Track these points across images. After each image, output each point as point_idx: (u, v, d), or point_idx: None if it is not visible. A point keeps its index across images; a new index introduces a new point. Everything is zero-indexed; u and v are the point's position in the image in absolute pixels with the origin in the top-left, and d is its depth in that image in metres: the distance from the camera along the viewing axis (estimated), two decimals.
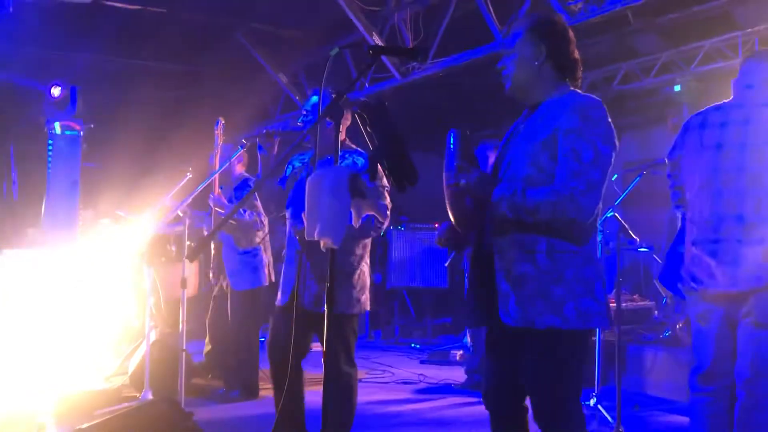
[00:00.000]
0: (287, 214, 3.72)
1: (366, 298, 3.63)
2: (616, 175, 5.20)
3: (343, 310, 3.48)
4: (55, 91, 7.30)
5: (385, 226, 3.58)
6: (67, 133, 7.50)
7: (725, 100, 3.11)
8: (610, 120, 2.42)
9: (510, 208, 2.35)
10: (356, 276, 3.59)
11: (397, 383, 6.20)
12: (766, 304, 2.84)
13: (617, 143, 2.42)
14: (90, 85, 7.76)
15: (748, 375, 2.89)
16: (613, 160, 2.40)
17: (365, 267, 3.66)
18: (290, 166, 3.84)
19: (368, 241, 3.70)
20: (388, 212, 3.56)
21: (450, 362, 7.04)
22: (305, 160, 3.78)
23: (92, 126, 7.64)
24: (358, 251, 3.62)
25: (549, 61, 2.51)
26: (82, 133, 7.50)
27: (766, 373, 2.86)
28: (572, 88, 2.52)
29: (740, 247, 2.85)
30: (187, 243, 4.91)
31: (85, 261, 6.41)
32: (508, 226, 2.41)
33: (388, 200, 3.55)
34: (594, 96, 2.48)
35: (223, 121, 5.17)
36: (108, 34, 7.29)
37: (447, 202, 2.50)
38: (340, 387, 3.50)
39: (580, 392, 2.49)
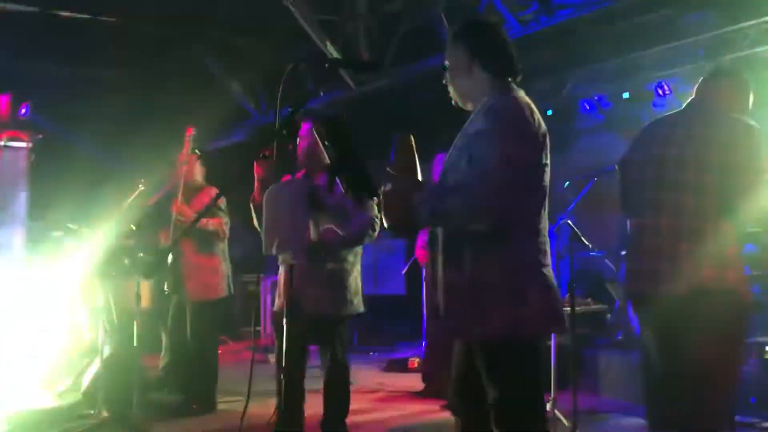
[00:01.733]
0: None
1: (359, 301, 4.02)
2: (567, 182, 5.31)
3: (339, 312, 3.88)
4: (3, 102, 7.12)
5: (376, 234, 3.86)
6: (14, 144, 7.32)
7: (676, 110, 3.19)
8: (529, 117, 2.35)
9: (430, 215, 2.33)
10: (349, 281, 3.93)
11: (357, 392, 6.18)
12: (696, 311, 2.90)
13: (539, 139, 2.36)
14: (40, 95, 7.60)
15: (688, 382, 2.96)
16: (532, 159, 2.33)
17: (357, 273, 4.02)
18: None
19: (359, 249, 4.02)
20: (377, 222, 3.76)
21: (409, 370, 7.07)
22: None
23: (41, 137, 7.47)
24: (350, 258, 3.94)
25: (478, 64, 2.49)
26: (30, 144, 7.33)
27: (702, 379, 2.91)
28: (505, 89, 2.46)
29: (675, 252, 2.92)
30: (141, 255, 4.84)
31: (35, 275, 6.26)
32: (434, 235, 2.42)
33: (376, 211, 3.69)
34: (514, 96, 2.42)
35: (194, 132, 5.12)
36: (59, 44, 7.15)
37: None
38: (340, 380, 3.99)
39: (534, 397, 2.43)
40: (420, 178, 2.43)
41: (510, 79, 2.51)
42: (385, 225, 2.48)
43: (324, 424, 4.10)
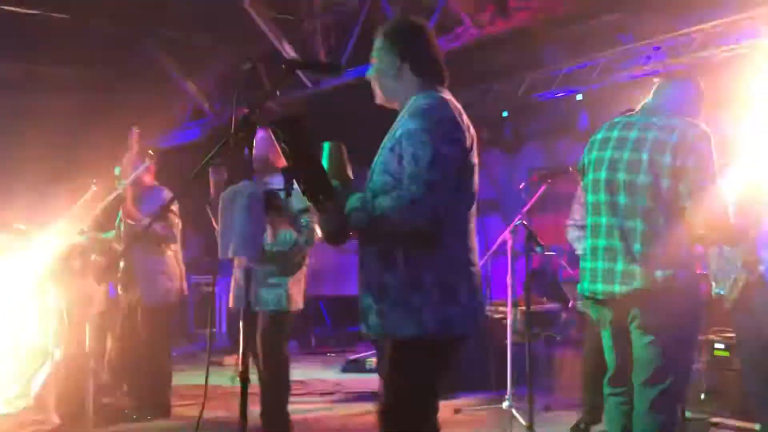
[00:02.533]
0: None
1: (300, 299, 4.19)
2: (523, 183, 5.38)
3: (278, 308, 4.06)
4: None
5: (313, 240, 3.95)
6: None
7: (628, 113, 3.25)
8: (457, 117, 2.37)
9: (362, 219, 2.32)
10: (295, 278, 4.12)
11: (315, 394, 6.17)
12: (647, 310, 2.97)
13: (467, 140, 2.37)
14: None
15: (640, 380, 3.03)
16: (461, 160, 2.34)
17: (301, 273, 4.20)
18: None
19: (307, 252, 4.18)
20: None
21: (368, 370, 7.06)
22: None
23: None
24: (296, 260, 4.10)
25: (406, 65, 2.48)
26: None
27: (655, 377, 2.98)
28: (433, 90, 2.47)
29: (628, 253, 2.98)
30: (93, 257, 4.75)
31: None
32: (366, 238, 2.42)
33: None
34: (442, 97, 2.43)
35: (138, 130, 5.03)
36: (7, 40, 6.97)
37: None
38: (280, 370, 4.15)
39: (431, 401, 2.43)
40: (350, 185, 2.41)
41: (439, 82, 2.51)
42: (318, 234, 2.46)
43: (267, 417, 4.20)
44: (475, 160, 2.43)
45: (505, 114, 9.22)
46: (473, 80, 8.95)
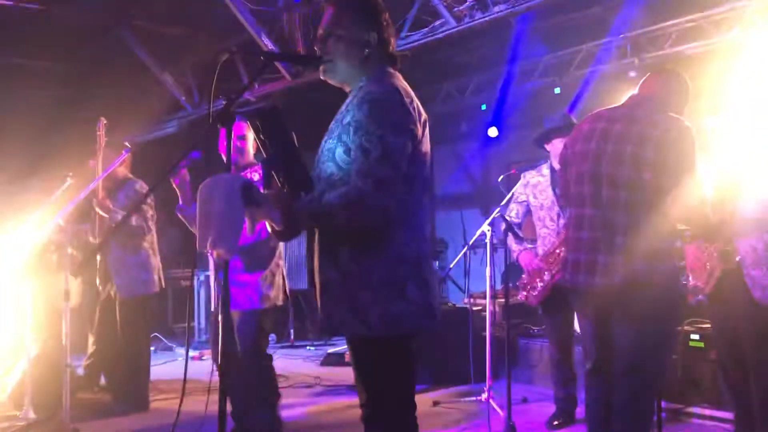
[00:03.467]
0: None
1: (276, 294, 4.10)
2: (502, 176, 5.39)
3: (252, 306, 3.99)
4: None
5: None
6: None
7: (612, 105, 3.27)
8: (408, 106, 2.25)
9: (310, 217, 2.25)
10: (264, 275, 4.04)
11: (294, 387, 6.16)
12: (629, 301, 3.00)
13: (418, 128, 2.27)
14: None
15: (620, 369, 3.07)
16: (411, 150, 2.24)
17: (276, 268, 4.12)
18: None
19: (277, 245, 4.13)
20: None
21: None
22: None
23: None
24: (265, 252, 4.06)
25: (372, 44, 2.37)
26: None
27: (635, 367, 3.02)
28: (384, 74, 2.35)
29: (610, 245, 3.01)
30: (70, 251, 4.69)
31: None
32: (314, 234, 2.36)
33: None
34: (390, 81, 2.30)
35: (105, 121, 4.97)
36: None
37: None
38: (261, 371, 4.06)
39: (405, 401, 2.37)
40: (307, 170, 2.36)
41: (388, 65, 2.40)
42: (268, 229, 2.38)
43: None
44: (427, 148, 2.34)
45: (483, 107, 9.25)
46: (452, 73, 8.97)
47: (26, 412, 4.73)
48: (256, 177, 4.00)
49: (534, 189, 4.77)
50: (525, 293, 4.77)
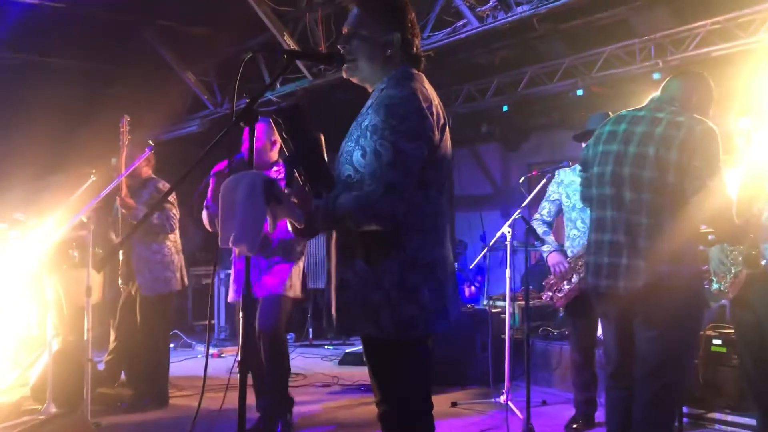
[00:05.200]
0: None
1: (299, 286, 4.45)
2: (522, 178, 5.37)
3: (276, 291, 4.33)
4: None
5: None
6: None
7: (631, 108, 3.25)
8: (425, 111, 2.23)
9: (325, 218, 2.26)
10: (294, 267, 4.40)
11: (312, 386, 6.18)
12: (652, 305, 2.97)
13: (435, 134, 2.26)
14: None
15: (641, 373, 3.04)
16: (427, 156, 2.23)
17: (301, 263, 4.47)
18: None
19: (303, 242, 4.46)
20: None
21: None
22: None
23: None
24: (298, 248, 4.41)
25: (396, 44, 2.37)
26: None
27: (657, 371, 3.00)
28: (406, 75, 2.33)
29: (633, 248, 2.99)
30: (95, 250, 4.73)
31: None
32: (329, 232, 2.37)
33: None
34: (409, 84, 2.28)
35: (128, 118, 5.01)
36: (5, 29, 6.94)
37: None
38: (283, 348, 4.43)
39: (419, 398, 2.37)
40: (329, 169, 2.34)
41: (412, 66, 2.39)
42: (289, 228, 2.40)
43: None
44: (445, 152, 2.33)
45: (505, 109, 9.22)
46: (474, 74, 8.95)
47: (48, 405, 4.78)
48: (279, 175, 4.05)
49: (568, 188, 4.67)
50: (550, 294, 4.71)
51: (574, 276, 4.53)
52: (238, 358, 2.20)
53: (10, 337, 6.06)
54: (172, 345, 5.69)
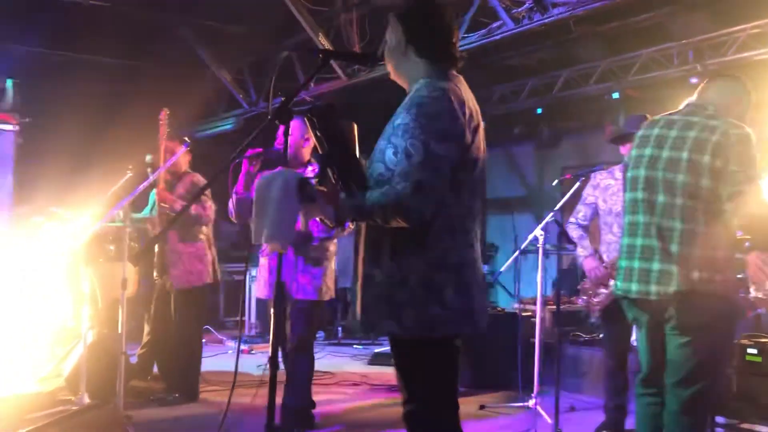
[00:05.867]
0: None
1: (330, 287, 4.42)
2: (556, 181, 5.33)
3: (311, 297, 4.27)
4: None
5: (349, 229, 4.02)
6: (1, 127, 7.27)
7: (670, 111, 3.21)
8: (457, 112, 2.24)
9: (353, 213, 2.29)
10: (331, 269, 4.40)
11: (340, 385, 6.20)
12: (683, 311, 2.94)
13: (467, 135, 2.27)
14: (27, 78, 7.52)
15: (672, 380, 3.00)
16: (457, 157, 2.24)
17: (331, 264, 4.42)
18: None
19: (335, 241, 4.43)
20: None
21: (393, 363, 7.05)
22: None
23: (28, 120, 7.41)
24: (331, 247, 4.37)
25: (411, 47, 2.39)
26: (17, 127, 7.27)
27: (688, 379, 2.96)
28: (438, 78, 2.34)
29: (665, 254, 2.95)
30: (130, 243, 4.80)
31: (19, 259, 6.21)
32: (358, 227, 2.39)
33: None
34: (442, 85, 2.29)
35: (167, 111, 5.08)
36: (46, 26, 7.08)
37: None
38: (310, 354, 4.40)
39: (444, 402, 2.37)
40: (363, 166, 2.36)
41: (447, 67, 2.40)
42: (317, 219, 2.43)
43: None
44: (478, 154, 2.33)
45: (539, 111, 9.16)
46: (508, 76, 8.91)
47: (82, 396, 4.86)
48: (311, 174, 4.07)
49: (604, 192, 4.58)
50: (586, 299, 4.65)
51: (611, 281, 4.47)
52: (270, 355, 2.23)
53: (46, 329, 6.18)
54: (203, 340, 5.74)
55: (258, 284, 4.63)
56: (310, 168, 4.42)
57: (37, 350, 5.93)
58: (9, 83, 7.34)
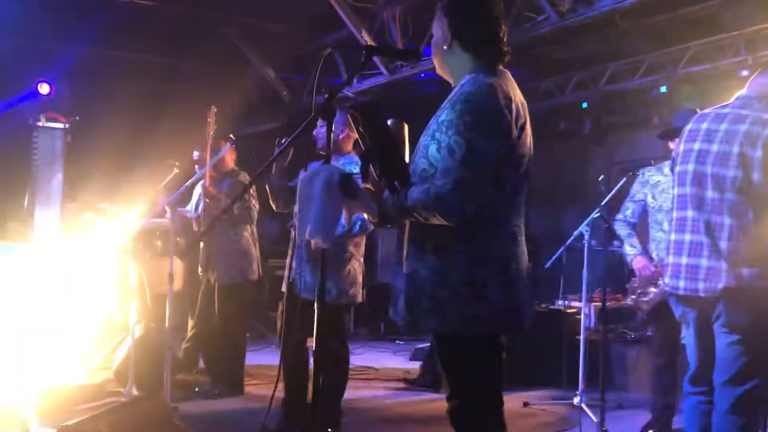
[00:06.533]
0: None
1: (355, 291, 4.04)
2: (602, 176, 5.26)
3: (333, 300, 3.83)
4: (41, 84, 7.24)
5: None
6: (52, 125, 7.45)
7: (717, 105, 3.14)
8: (503, 108, 2.20)
9: (396, 209, 2.27)
10: (346, 271, 3.99)
11: (381, 380, 6.21)
12: (732, 308, 2.87)
13: (513, 131, 2.22)
14: (75, 77, 7.68)
15: (721, 379, 2.94)
16: (502, 153, 2.20)
17: (356, 263, 4.07)
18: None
19: (360, 240, 4.09)
20: None
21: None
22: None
23: (77, 118, 7.58)
24: (350, 248, 4.04)
25: (456, 41, 2.35)
26: (66, 125, 7.44)
27: (738, 377, 2.90)
28: (483, 73, 2.29)
29: (714, 250, 2.89)
30: (177, 239, 4.87)
31: (68, 254, 6.36)
32: (405, 226, 2.36)
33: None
34: (488, 81, 2.25)
35: (215, 109, 5.15)
36: (94, 26, 7.22)
37: None
38: (328, 361, 3.78)
39: (488, 399, 2.34)
40: (407, 163, 2.34)
41: (494, 62, 2.35)
42: (365, 216, 2.41)
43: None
44: (524, 150, 2.29)
45: (584, 105, 9.03)
46: (553, 70, 8.80)
47: (129, 389, 4.96)
48: (355, 169, 4.03)
49: (653, 189, 4.47)
50: (634, 297, 4.56)
51: (660, 280, 4.38)
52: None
53: (95, 322, 6.32)
54: (247, 335, 5.81)
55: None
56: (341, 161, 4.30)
57: (85, 343, 6.07)
58: (57, 83, 7.52)
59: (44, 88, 7.29)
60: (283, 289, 4.19)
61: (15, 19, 6.96)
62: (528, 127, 2.32)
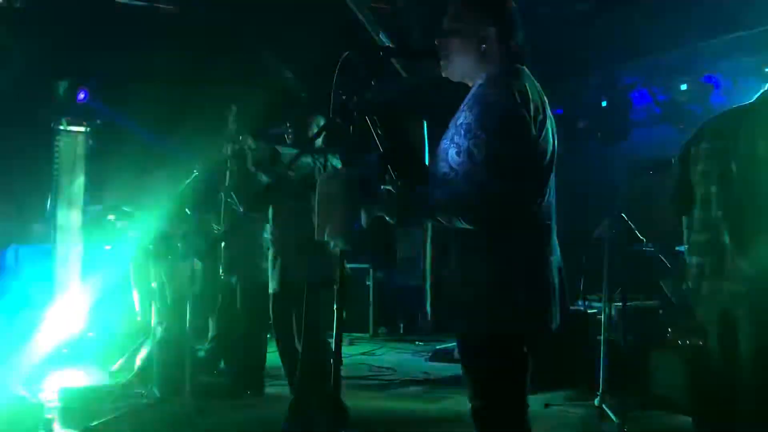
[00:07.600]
0: None
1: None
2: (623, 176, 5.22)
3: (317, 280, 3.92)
4: (63, 87, 7.32)
5: None
6: (74, 128, 7.53)
7: (744, 103, 3.11)
8: (521, 109, 2.17)
9: (417, 213, 2.26)
10: None
11: (402, 381, 6.21)
12: (759, 306, 2.84)
13: (533, 131, 2.19)
14: (98, 80, 7.75)
15: (748, 378, 2.91)
16: (522, 155, 2.17)
17: None
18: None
19: None
20: None
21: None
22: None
23: (99, 122, 7.65)
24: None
25: (492, 37, 2.32)
26: (89, 129, 7.52)
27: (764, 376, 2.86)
28: (505, 71, 2.28)
29: (738, 249, 2.87)
30: (197, 241, 4.91)
31: (92, 257, 6.43)
32: (427, 231, 2.40)
33: None
34: (505, 80, 2.23)
35: (235, 109, 5.17)
36: (117, 31, 7.30)
37: None
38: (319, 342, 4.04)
39: (514, 401, 2.33)
40: (425, 165, 2.36)
41: (512, 60, 2.32)
42: (387, 218, 2.38)
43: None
44: (545, 149, 2.26)
45: (603, 104, 8.96)
46: (572, 67, 8.75)
47: (151, 390, 5.00)
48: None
49: None
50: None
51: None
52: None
53: (117, 323, 6.38)
54: (268, 336, 5.83)
55: None
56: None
57: (108, 344, 6.13)
58: (80, 86, 7.60)
59: (63, 87, 7.36)
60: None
61: (40, 24, 7.04)
62: (549, 124, 2.30)
